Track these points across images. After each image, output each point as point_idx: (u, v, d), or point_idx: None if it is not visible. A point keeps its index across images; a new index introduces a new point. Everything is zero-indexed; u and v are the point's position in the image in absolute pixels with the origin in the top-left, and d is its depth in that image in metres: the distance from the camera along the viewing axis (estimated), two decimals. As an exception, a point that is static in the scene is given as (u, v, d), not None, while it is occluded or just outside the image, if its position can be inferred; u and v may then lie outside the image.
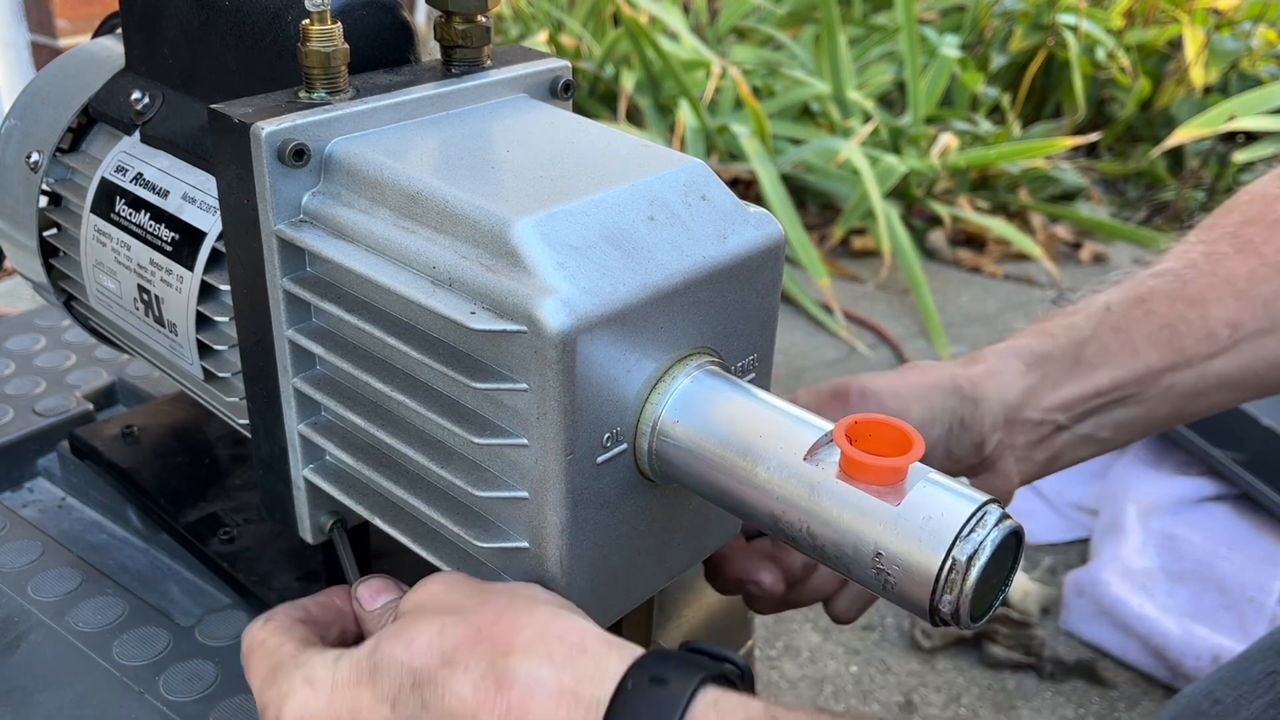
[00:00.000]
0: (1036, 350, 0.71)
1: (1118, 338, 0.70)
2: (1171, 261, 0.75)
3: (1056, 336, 0.71)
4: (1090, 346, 0.70)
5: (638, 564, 0.51)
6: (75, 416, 0.84)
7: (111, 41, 0.69)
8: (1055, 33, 3.31)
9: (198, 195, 0.59)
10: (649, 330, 0.45)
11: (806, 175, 2.79)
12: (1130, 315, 0.71)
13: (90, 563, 0.72)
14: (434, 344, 0.47)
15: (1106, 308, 0.72)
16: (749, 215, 0.49)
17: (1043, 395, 0.69)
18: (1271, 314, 0.71)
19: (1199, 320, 0.71)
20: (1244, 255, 0.73)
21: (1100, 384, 0.70)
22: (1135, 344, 0.70)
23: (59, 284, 0.70)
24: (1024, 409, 0.69)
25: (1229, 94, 3.09)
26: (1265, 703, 0.77)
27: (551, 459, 0.44)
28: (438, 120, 0.53)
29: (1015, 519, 0.43)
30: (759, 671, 1.56)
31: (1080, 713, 1.55)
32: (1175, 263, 0.74)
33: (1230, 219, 0.76)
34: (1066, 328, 0.72)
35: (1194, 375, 0.71)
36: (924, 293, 2.42)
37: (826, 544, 0.44)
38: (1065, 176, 3.02)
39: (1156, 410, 0.72)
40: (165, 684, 0.62)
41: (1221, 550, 1.71)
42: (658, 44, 2.80)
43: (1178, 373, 0.71)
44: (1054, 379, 0.70)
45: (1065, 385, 0.70)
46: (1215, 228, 0.76)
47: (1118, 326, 0.71)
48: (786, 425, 0.46)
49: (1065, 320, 0.73)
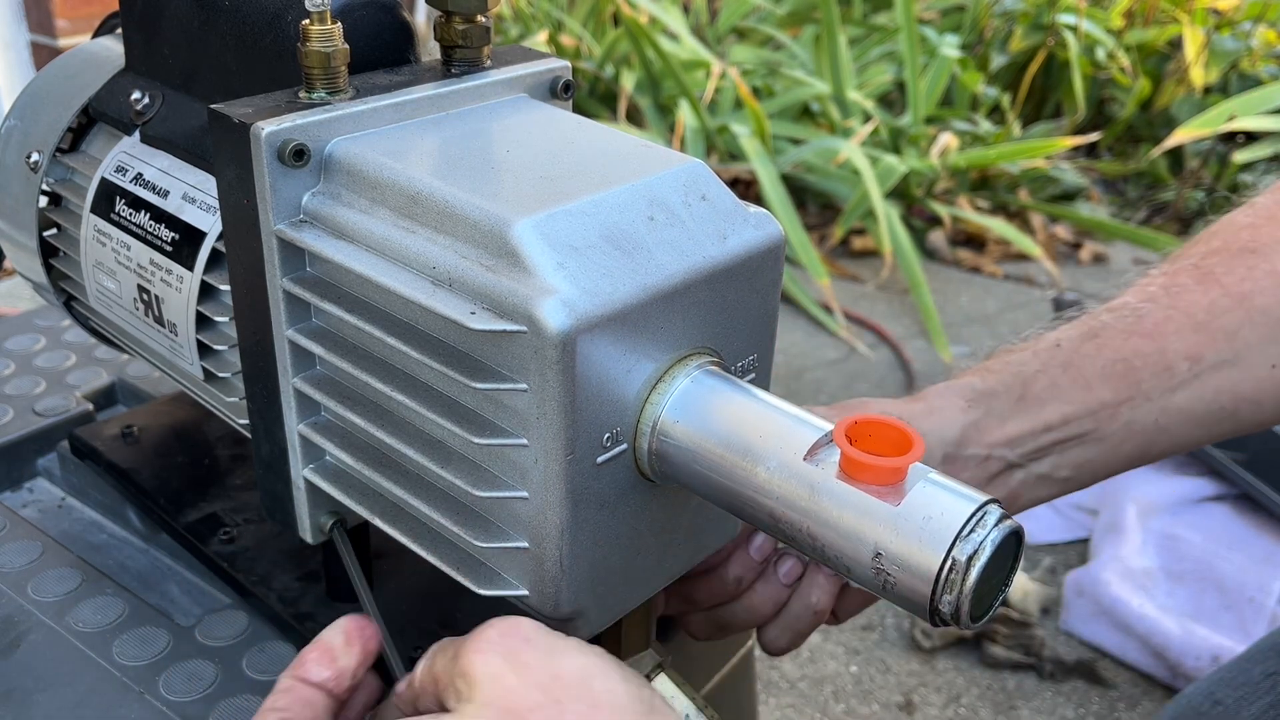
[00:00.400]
0: (979, 387, 0.68)
1: (1068, 373, 0.68)
2: (1129, 296, 0.72)
3: (1001, 373, 0.69)
4: (1038, 382, 0.68)
5: (638, 564, 0.51)
6: (75, 416, 0.84)
7: (111, 41, 0.69)
8: (1055, 33, 3.31)
9: (198, 195, 0.59)
10: (649, 330, 0.45)
11: (806, 175, 2.80)
12: (1081, 350, 0.69)
13: (90, 563, 0.72)
14: (434, 344, 0.47)
15: (1056, 344, 0.70)
16: (749, 215, 0.49)
17: (986, 431, 0.67)
18: (1234, 346, 0.68)
19: (1155, 354, 0.68)
20: (1205, 286, 0.70)
21: (1049, 419, 0.67)
22: (1087, 379, 0.68)
23: (59, 284, 0.70)
24: (965, 445, 0.66)
25: (1229, 94, 3.10)
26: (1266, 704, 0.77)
27: (551, 459, 0.44)
28: (438, 120, 0.53)
29: (1015, 519, 0.43)
30: (759, 671, 1.56)
31: (1080, 713, 1.55)
32: (1133, 297, 0.72)
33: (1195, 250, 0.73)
34: (1011, 364, 0.69)
35: (1154, 410, 0.68)
36: (924, 293, 2.42)
37: (826, 544, 0.44)
38: (1065, 176, 3.02)
39: (1120, 448, 0.69)
40: (165, 684, 0.62)
41: (1221, 550, 1.71)
42: (658, 44, 2.80)
43: (1136, 408, 0.68)
44: (998, 414, 0.67)
45: (1011, 421, 0.67)
46: (1179, 259, 0.74)
47: (1068, 362, 0.68)
48: (786, 425, 0.46)
49: (1011, 357, 0.70)
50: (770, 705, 1.53)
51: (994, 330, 2.47)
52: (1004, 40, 3.45)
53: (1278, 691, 0.78)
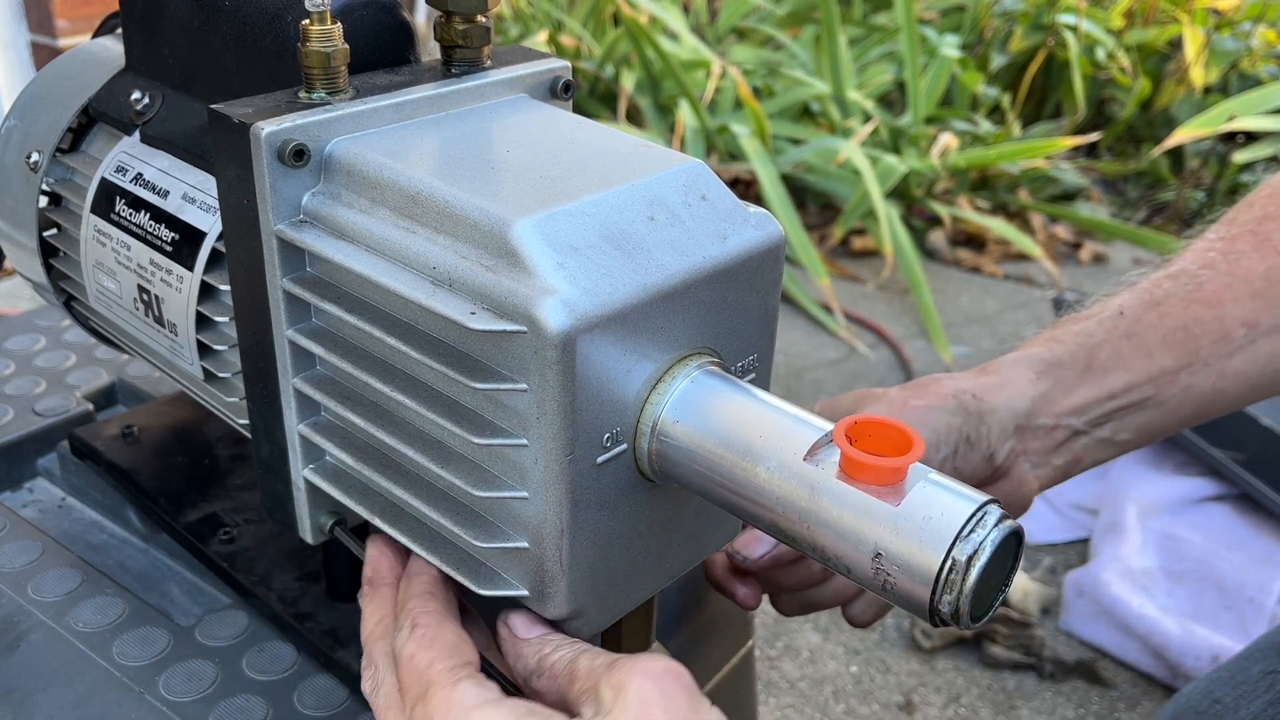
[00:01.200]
0: (1047, 358, 0.71)
1: (1131, 342, 0.71)
2: (1188, 261, 0.75)
3: (1067, 343, 0.72)
4: (1102, 351, 0.71)
5: (638, 564, 0.51)
6: (75, 416, 0.84)
7: (111, 41, 0.69)
8: (1055, 33, 3.31)
9: (198, 195, 0.59)
10: (649, 330, 0.45)
11: (806, 175, 2.80)
12: (1144, 319, 0.71)
13: (90, 563, 0.72)
14: (434, 344, 0.47)
15: (1119, 312, 0.72)
16: (749, 215, 0.49)
17: (1054, 401, 0.70)
18: None
19: (1214, 322, 0.71)
20: (1262, 253, 0.73)
21: (1113, 388, 0.70)
22: (1149, 347, 0.71)
23: (59, 284, 0.70)
24: (1036, 416, 0.69)
25: (1229, 94, 3.10)
26: (1265, 702, 0.77)
27: (551, 459, 0.44)
28: (438, 120, 0.53)
29: (1015, 519, 0.43)
30: (759, 671, 1.56)
31: (1080, 713, 1.55)
32: (1191, 263, 0.74)
33: (1249, 215, 0.76)
34: (1078, 334, 0.72)
35: (1212, 375, 0.71)
36: (924, 293, 2.42)
37: (826, 544, 0.44)
38: (1065, 176, 3.02)
39: (1178, 411, 0.72)
40: (165, 684, 0.62)
41: (1221, 550, 1.71)
42: (658, 44, 2.80)
43: (1195, 373, 0.71)
44: (1066, 384, 0.70)
45: (1078, 390, 0.70)
46: (1234, 223, 0.76)
47: (1131, 331, 0.71)
48: (786, 425, 0.46)
49: (1076, 326, 0.73)
50: (770, 705, 1.53)
51: (994, 330, 2.47)
52: (1004, 40, 3.45)
53: (1276, 690, 0.78)
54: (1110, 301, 0.74)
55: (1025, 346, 0.73)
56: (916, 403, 0.67)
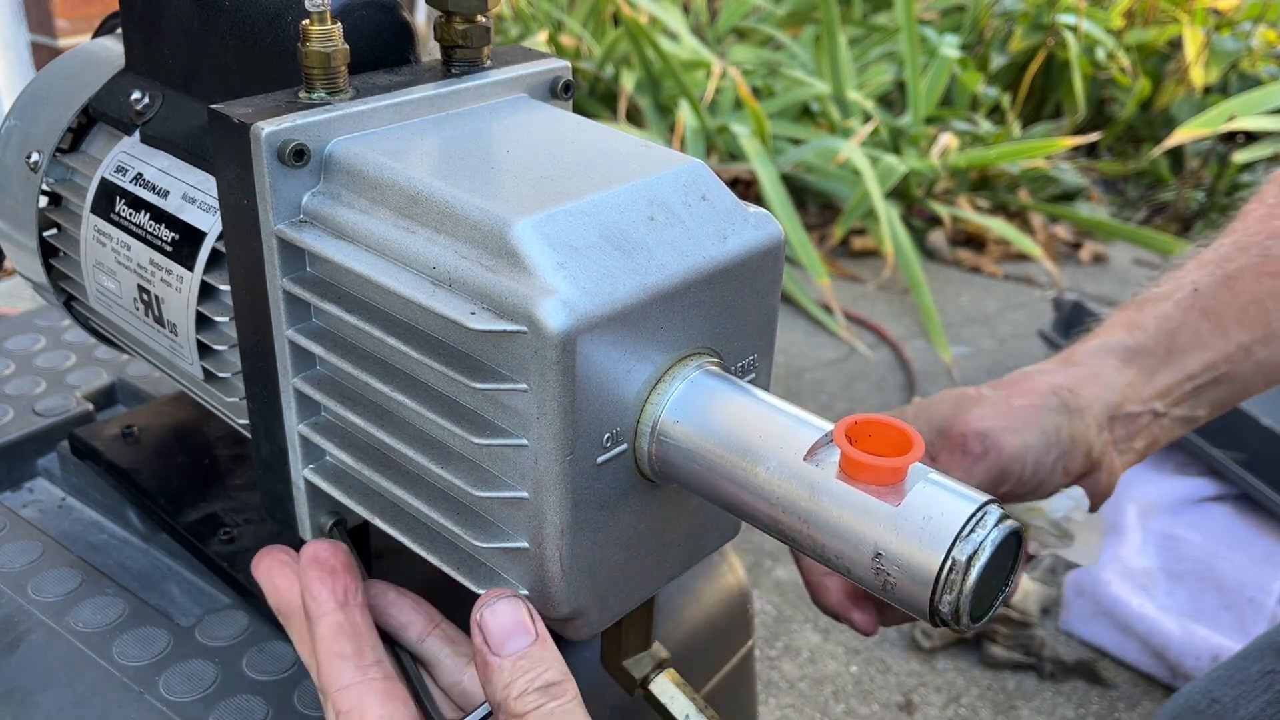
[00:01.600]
0: (1130, 344, 0.72)
1: (1207, 320, 0.72)
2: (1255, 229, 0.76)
3: (1148, 328, 0.73)
4: (1182, 334, 0.72)
5: (638, 564, 0.51)
6: (75, 416, 0.84)
7: (111, 41, 0.69)
8: (1055, 33, 3.31)
9: (198, 195, 0.59)
10: (649, 330, 0.45)
11: (806, 175, 2.80)
12: (1219, 296, 0.73)
13: (90, 563, 0.72)
14: (434, 344, 0.47)
15: (1194, 289, 0.73)
16: (749, 215, 0.49)
17: (1140, 388, 0.71)
18: None
19: None
20: None
21: (1192, 369, 0.72)
22: (1225, 324, 0.72)
23: (59, 284, 0.70)
24: (1124, 405, 0.70)
25: (1229, 94, 3.10)
26: (1263, 702, 0.77)
27: (551, 459, 0.44)
28: (438, 120, 0.53)
29: (1015, 519, 0.43)
30: (759, 671, 1.56)
31: (1080, 713, 1.55)
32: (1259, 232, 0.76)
33: None
34: (1156, 318, 0.73)
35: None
36: (924, 293, 2.42)
37: (826, 544, 0.44)
38: (1065, 176, 3.02)
39: (1250, 384, 0.74)
40: (165, 684, 0.62)
41: (1221, 550, 1.71)
42: (658, 44, 2.80)
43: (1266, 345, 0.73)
44: (1150, 370, 0.71)
45: (1161, 375, 0.71)
46: None
47: (1207, 309, 0.72)
48: (786, 425, 0.46)
49: (1155, 310, 0.74)
50: (770, 705, 1.53)
51: (994, 330, 2.47)
52: (1004, 40, 3.45)
53: (1275, 689, 0.78)
54: (1182, 278, 0.75)
55: (1104, 331, 0.74)
56: (1020, 403, 0.68)
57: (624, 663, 0.58)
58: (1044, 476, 0.67)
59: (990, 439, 0.66)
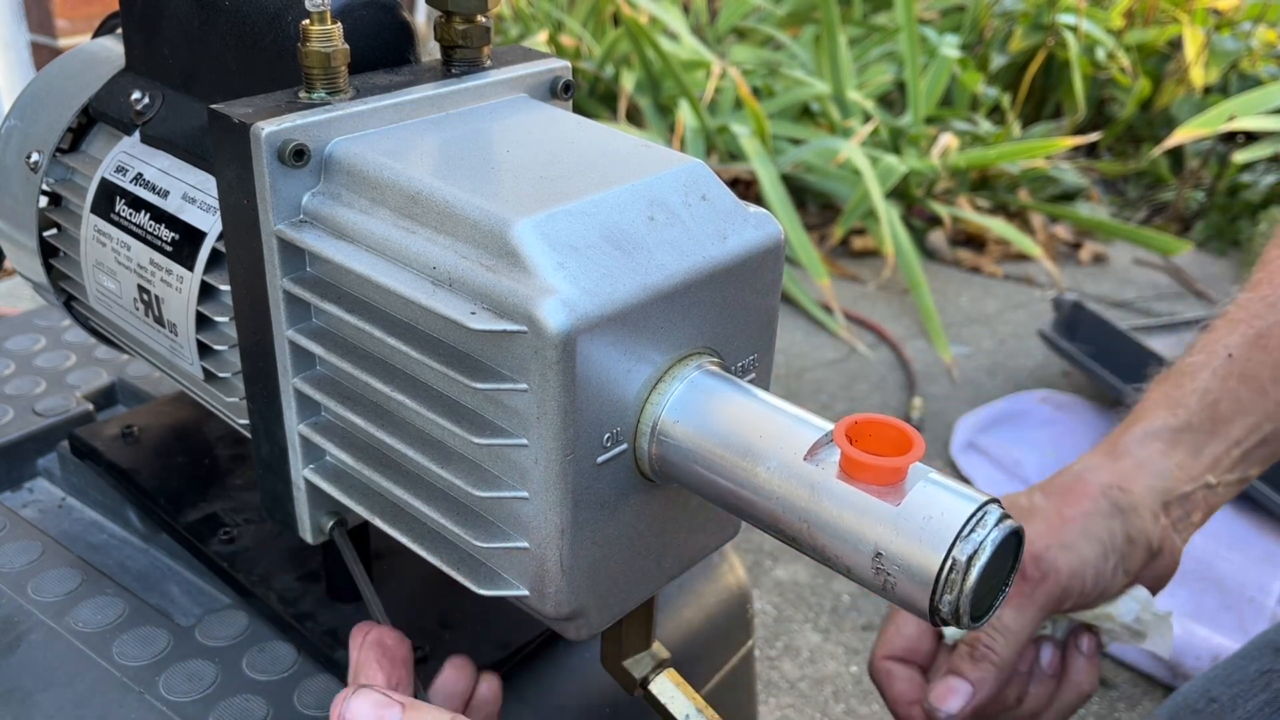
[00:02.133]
0: (1175, 425, 0.72)
1: (1245, 385, 0.72)
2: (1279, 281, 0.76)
3: (1189, 404, 0.73)
4: (1223, 404, 0.72)
5: (638, 564, 0.51)
6: (75, 416, 0.84)
7: (111, 41, 0.69)
8: (1055, 33, 3.31)
9: (198, 195, 0.59)
10: (649, 330, 0.45)
11: (806, 175, 2.79)
12: (1253, 359, 0.73)
13: (90, 563, 0.72)
14: (434, 344, 0.47)
15: (1229, 355, 0.74)
16: (749, 215, 0.49)
17: (1189, 467, 0.71)
18: None
19: None
20: None
21: (1237, 435, 0.72)
22: (1262, 384, 0.72)
23: (59, 284, 0.70)
24: (1177, 488, 0.71)
25: (1229, 94, 3.09)
26: (1261, 701, 0.77)
27: (551, 459, 0.44)
28: (438, 120, 0.53)
29: (1015, 519, 0.43)
30: (759, 671, 1.56)
31: (1080, 713, 1.55)
32: None
33: None
34: (1197, 392, 0.73)
35: None
36: (924, 293, 2.42)
37: (826, 544, 0.44)
38: (1065, 176, 3.02)
39: None
40: (165, 684, 0.62)
41: (1221, 550, 1.71)
42: (658, 44, 2.80)
43: None
44: (1197, 448, 0.72)
45: (1207, 449, 0.72)
46: None
47: (1244, 374, 0.73)
48: (786, 425, 0.46)
49: (1193, 384, 0.74)
50: (770, 705, 1.53)
51: (994, 330, 2.47)
52: (1004, 40, 3.45)
53: (1273, 689, 0.78)
54: (1215, 343, 0.75)
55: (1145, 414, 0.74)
56: (1072, 512, 0.68)
57: (624, 663, 0.58)
58: (1105, 584, 0.68)
59: (1046, 562, 0.66)
